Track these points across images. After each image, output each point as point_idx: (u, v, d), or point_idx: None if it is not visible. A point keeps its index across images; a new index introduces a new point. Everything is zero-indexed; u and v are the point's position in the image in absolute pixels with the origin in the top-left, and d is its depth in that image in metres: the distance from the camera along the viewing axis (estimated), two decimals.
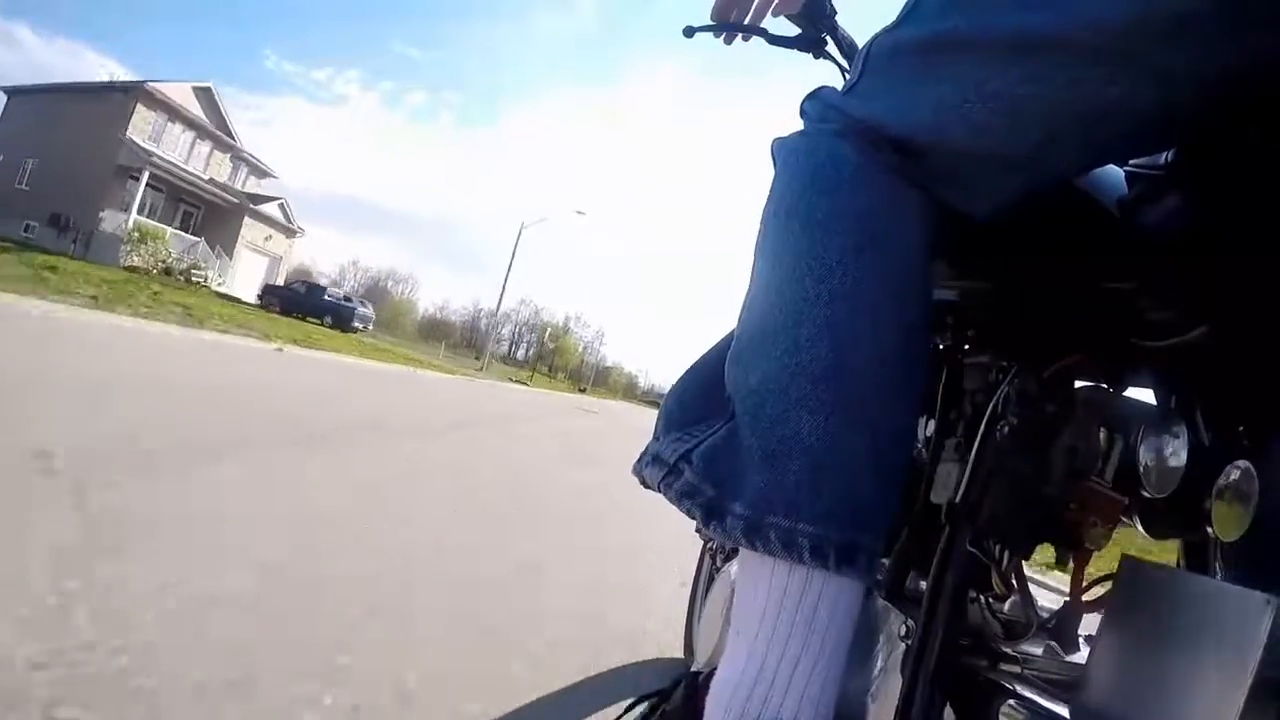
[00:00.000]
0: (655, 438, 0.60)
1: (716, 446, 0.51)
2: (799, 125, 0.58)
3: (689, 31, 0.88)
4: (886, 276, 0.48)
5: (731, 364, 0.52)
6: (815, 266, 0.48)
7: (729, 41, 0.89)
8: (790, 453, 0.45)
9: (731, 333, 0.55)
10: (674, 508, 0.54)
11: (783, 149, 0.56)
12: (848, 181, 0.50)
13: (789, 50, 0.93)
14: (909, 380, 0.49)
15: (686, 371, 0.64)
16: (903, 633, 0.61)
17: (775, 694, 0.43)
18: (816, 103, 0.56)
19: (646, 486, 0.61)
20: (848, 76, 0.56)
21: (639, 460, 0.60)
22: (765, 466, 0.46)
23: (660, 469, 0.55)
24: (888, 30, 0.53)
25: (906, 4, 0.53)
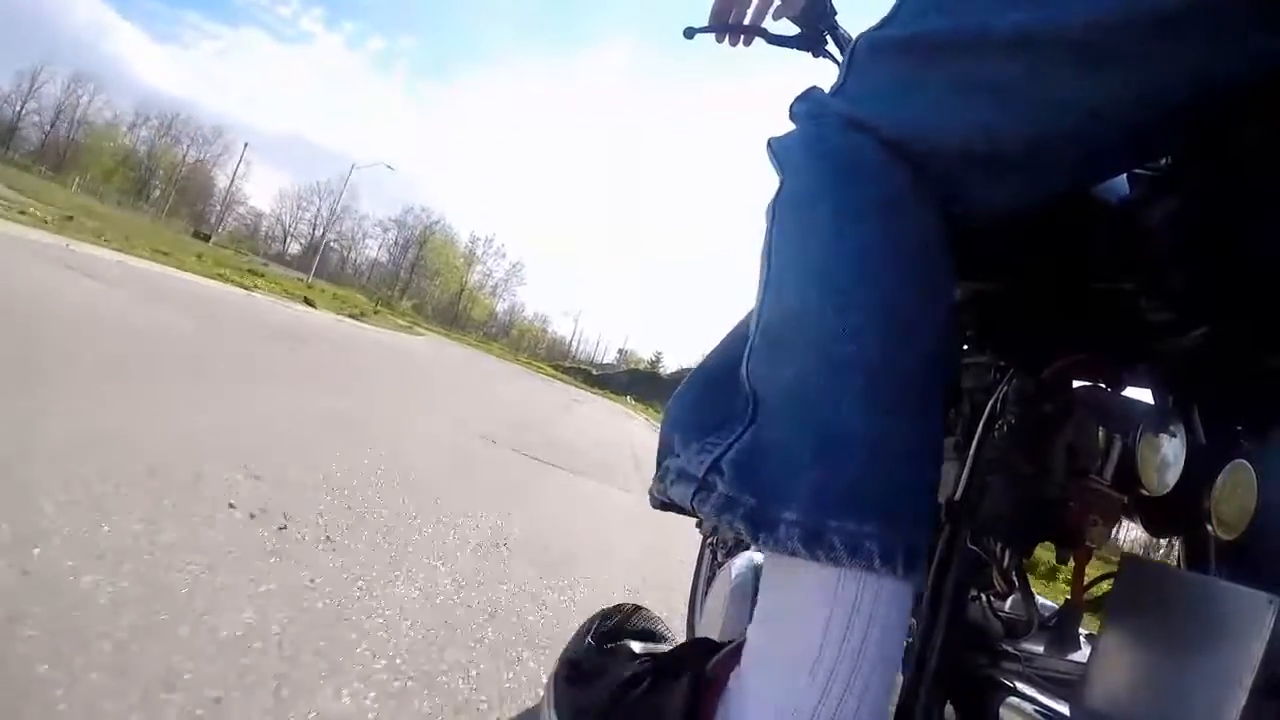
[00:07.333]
0: (674, 453, 0.55)
1: (748, 451, 0.46)
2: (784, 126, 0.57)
3: (689, 33, 0.88)
4: (921, 269, 0.47)
5: (755, 362, 0.48)
6: (852, 253, 0.45)
7: (733, 43, 0.89)
8: (846, 449, 0.41)
9: (736, 332, 0.53)
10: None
11: (785, 144, 0.54)
12: (872, 169, 0.48)
13: (788, 50, 0.93)
14: (943, 374, 0.47)
15: (691, 376, 0.61)
16: None
17: None
18: (808, 103, 0.55)
19: (668, 508, 0.57)
20: (836, 76, 0.55)
21: (658, 479, 0.55)
22: (817, 466, 0.42)
23: (689, 485, 0.50)
24: (873, 29, 0.52)
25: (895, 4, 0.52)
